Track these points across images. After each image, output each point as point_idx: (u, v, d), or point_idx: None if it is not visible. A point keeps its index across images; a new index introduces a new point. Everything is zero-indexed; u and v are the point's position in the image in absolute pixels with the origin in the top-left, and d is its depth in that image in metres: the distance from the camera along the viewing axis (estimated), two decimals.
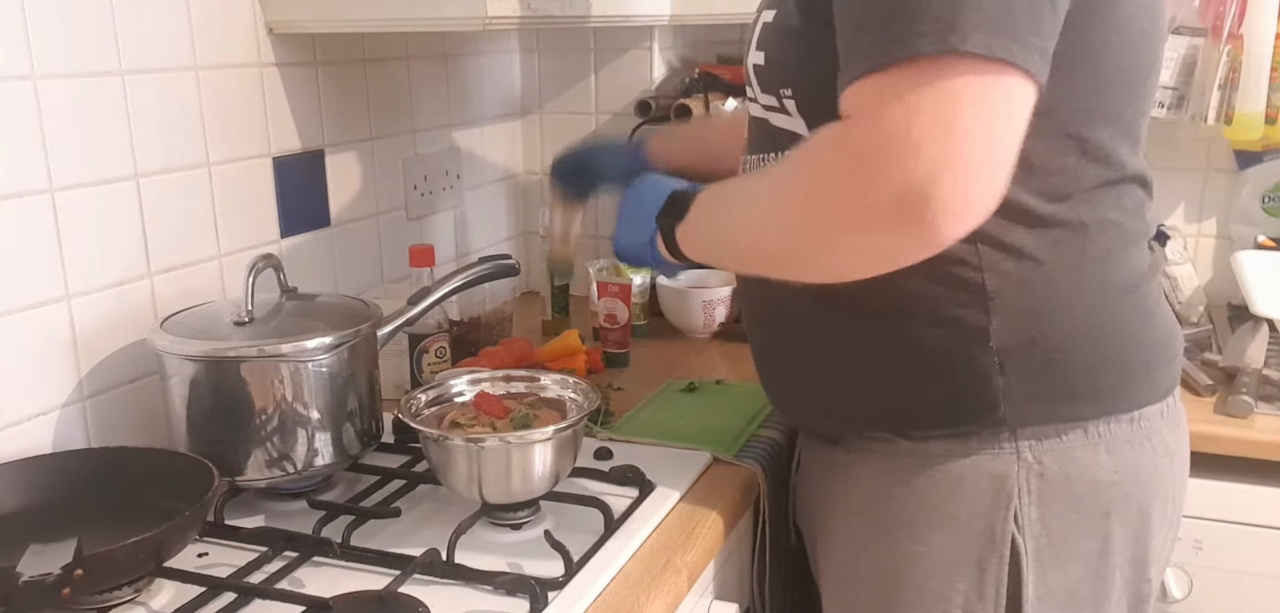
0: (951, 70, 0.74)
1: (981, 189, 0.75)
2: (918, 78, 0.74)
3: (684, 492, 1.15)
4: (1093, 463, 0.95)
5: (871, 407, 1.01)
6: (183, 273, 1.28)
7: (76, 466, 1.07)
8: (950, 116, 0.74)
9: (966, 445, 0.96)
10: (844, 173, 0.79)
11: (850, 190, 0.78)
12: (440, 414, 1.12)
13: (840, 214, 0.80)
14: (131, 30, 1.18)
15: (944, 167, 0.73)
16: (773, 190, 0.89)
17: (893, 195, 0.75)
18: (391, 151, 1.65)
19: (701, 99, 1.81)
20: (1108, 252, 0.94)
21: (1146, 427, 0.97)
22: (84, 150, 1.14)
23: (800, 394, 1.09)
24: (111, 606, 0.94)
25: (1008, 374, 0.93)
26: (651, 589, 0.98)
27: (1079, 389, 0.94)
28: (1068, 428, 0.94)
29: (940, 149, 0.73)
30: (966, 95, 0.74)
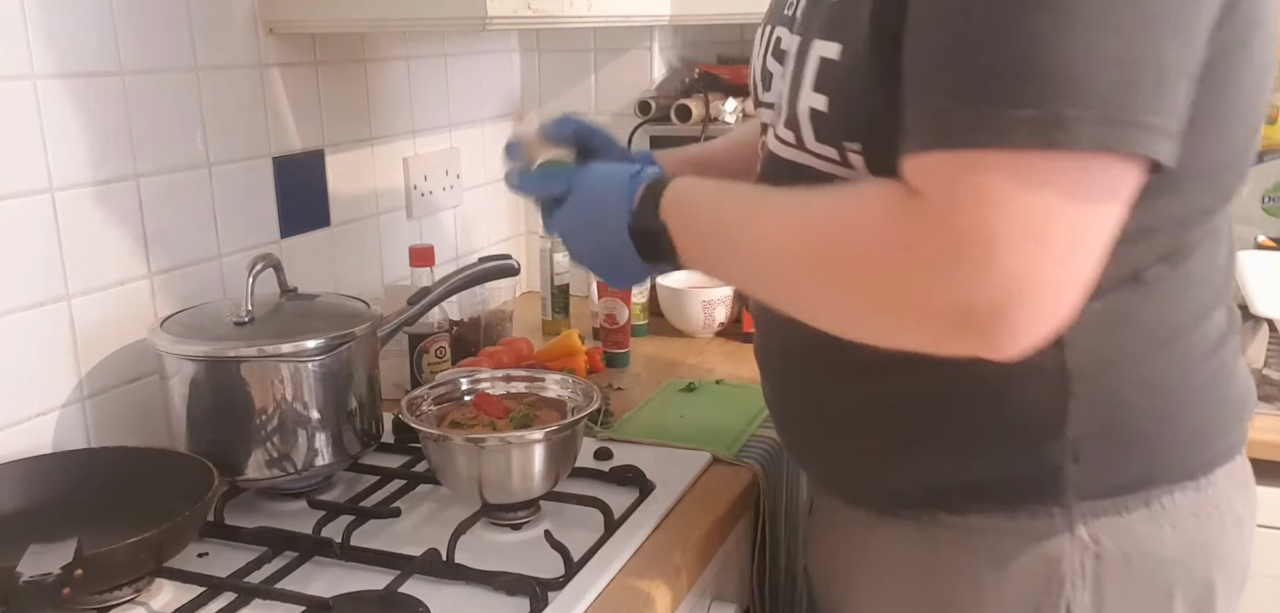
0: (1051, 169, 0.62)
1: (1065, 308, 0.65)
2: (1009, 170, 0.62)
3: (684, 492, 1.15)
4: (1155, 539, 0.83)
5: (910, 483, 0.88)
6: (183, 273, 1.28)
7: (76, 466, 1.07)
8: (1043, 228, 0.62)
9: (1014, 521, 0.83)
10: (902, 265, 0.67)
11: (906, 288, 0.67)
12: (440, 414, 1.12)
13: (888, 308, 0.70)
14: (131, 30, 1.18)
15: (1026, 287, 0.63)
16: (805, 247, 0.75)
17: (958, 307, 0.65)
18: (391, 152, 1.65)
19: (701, 99, 1.81)
20: (1199, 313, 0.82)
21: (1214, 494, 0.85)
22: (84, 150, 1.14)
23: (830, 461, 0.96)
24: (111, 606, 0.94)
25: (1082, 462, 0.81)
26: (651, 589, 0.98)
27: (1153, 466, 0.83)
28: (1129, 501, 0.82)
29: (1026, 266, 0.62)
30: (1062, 198, 0.62)
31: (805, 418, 0.96)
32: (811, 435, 0.97)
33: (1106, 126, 0.61)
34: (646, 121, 1.84)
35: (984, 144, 0.63)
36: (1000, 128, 0.62)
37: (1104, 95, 0.61)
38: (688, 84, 1.89)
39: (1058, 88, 0.61)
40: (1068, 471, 0.81)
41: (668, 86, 1.95)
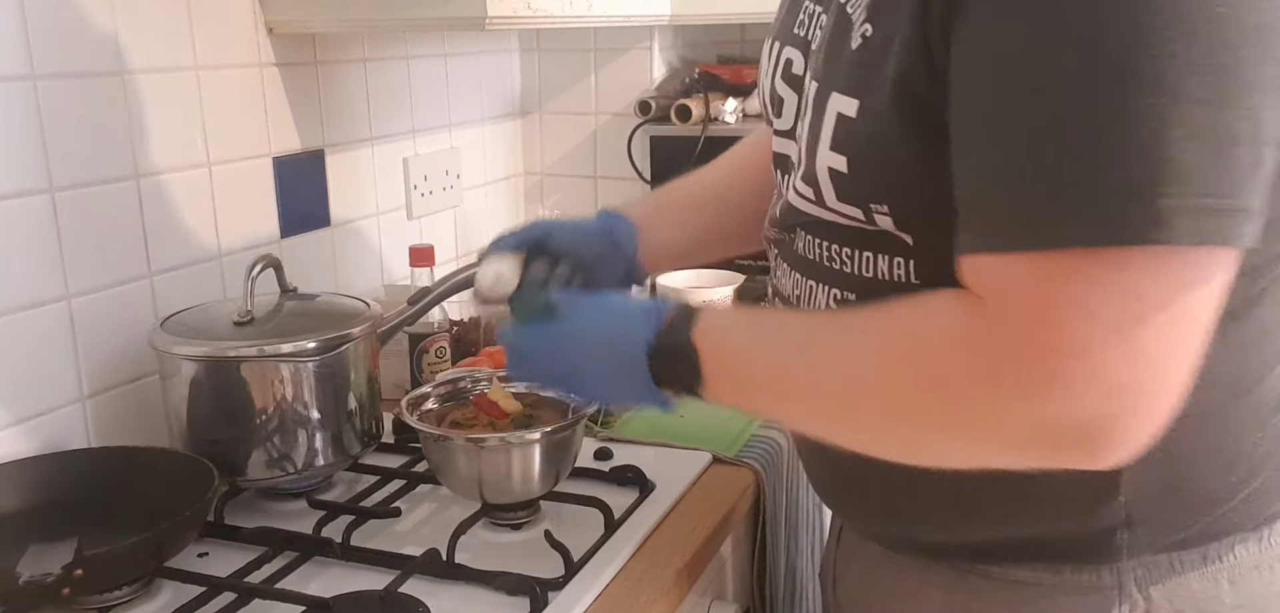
0: (1145, 268, 0.56)
1: (1168, 410, 0.59)
2: (1098, 274, 0.56)
3: (684, 492, 1.15)
4: (1212, 597, 0.77)
5: (953, 540, 0.82)
6: (183, 273, 1.28)
7: (76, 466, 1.07)
8: (1137, 333, 0.56)
9: (1058, 577, 0.78)
10: (985, 391, 0.61)
11: (993, 414, 0.61)
12: (440, 414, 1.12)
13: (974, 436, 0.64)
14: (131, 30, 1.18)
15: (1127, 396, 0.57)
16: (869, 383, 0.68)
17: (1055, 428, 0.59)
18: (391, 152, 1.65)
19: (701, 99, 1.81)
20: (1267, 364, 0.75)
21: (1277, 545, 0.79)
22: (84, 150, 1.14)
23: (863, 512, 0.90)
24: (111, 606, 0.94)
25: (1136, 526, 0.75)
26: (651, 589, 0.98)
27: (1210, 519, 0.76)
28: (1184, 557, 0.76)
29: (1125, 375, 0.57)
30: (1160, 299, 0.56)
31: (843, 475, 0.89)
32: (849, 491, 0.90)
33: (1204, 216, 0.55)
34: (646, 121, 1.84)
35: (1068, 244, 0.56)
36: (1086, 221, 0.55)
37: (1202, 180, 0.54)
38: (688, 84, 1.90)
39: (1148, 175, 0.54)
40: (1121, 535, 0.76)
41: (668, 86, 1.95)
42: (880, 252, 0.76)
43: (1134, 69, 0.54)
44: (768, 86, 0.90)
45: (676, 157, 1.82)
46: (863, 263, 0.77)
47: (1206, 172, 0.54)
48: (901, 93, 0.67)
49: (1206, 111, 0.54)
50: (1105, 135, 0.55)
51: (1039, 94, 0.57)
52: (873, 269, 0.77)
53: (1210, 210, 0.55)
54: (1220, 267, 0.58)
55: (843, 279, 0.79)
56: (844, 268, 0.79)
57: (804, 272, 0.84)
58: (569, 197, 2.00)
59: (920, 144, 0.66)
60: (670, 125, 1.80)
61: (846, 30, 0.74)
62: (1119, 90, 0.54)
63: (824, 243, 0.81)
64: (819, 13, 0.82)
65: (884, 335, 0.68)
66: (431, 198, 1.74)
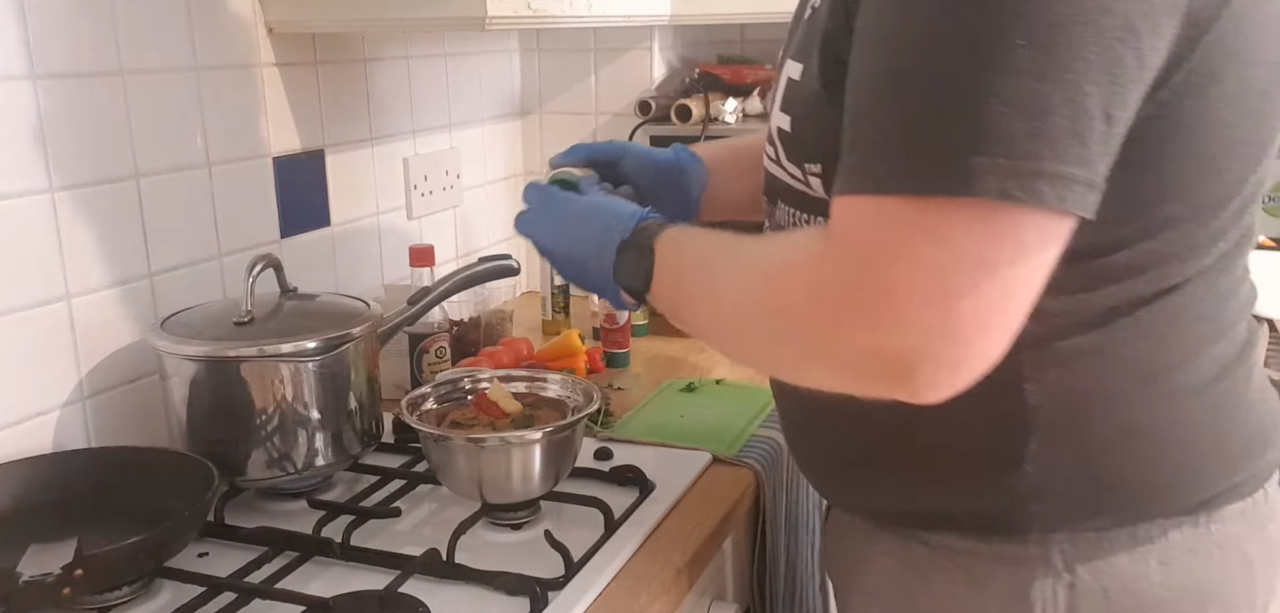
0: (955, 218, 0.61)
1: (978, 362, 0.64)
2: (917, 219, 0.62)
3: (684, 492, 1.15)
4: (1139, 576, 0.79)
5: (894, 502, 0.88)
6: (183, 273, 1.28)
7: (76, 466, 1.07)
8: (948, 277, 0.62)
9: (989, 546, 0.82)
10: (820, 312, 0.68)
11: (825, 334, 0.68)
12: (440, 414, 1.12)
13: (811, 354, 0.70)
14: (131, 30, 1.18)
15: (934, 339, 0.63)
16: (749, 287, 0.76)
17: (869, 354, 0.65)
18: (391, 152, 1.65)
19: (701, 99, 1.81)
20: (1190, 348, 0.78)
21: (1218, 532, 0.80)
22: (84, 150, 1.14)
23: (824, 472, 0.97)
24: (111, 606, 0.94)
25: (1045, 500, 0.79)
26: (651, 589, 0.98)
27: (1132, 507, 0.79)
28: (1113, 535, 0.79)
29: (933, 316, 0.62)
30: (972, 249, 0.61)
31: (799, 434, 0.98)
32: (808, 451, 0.97)
33: (1014, 176, 0.60)
34: (646, 121, 1.84)
35: (894, 191, 0.63)
36: (910, 171, 0.62)
37: (1011, 142, 0.59)
38: (688, 84, 1.90)
39: (966, 134, 0.60)
40: (1032, 507, 0.79)
41: (668, 86, 1.95)
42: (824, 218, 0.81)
43: (973, 44, 0.60)
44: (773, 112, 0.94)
45: None
46: None
47: (1019, 137, 0.59)
48: (827, 53, 0.74)
49: (1026, 82, 0.59)
50: (939, 99, 0.62)
51: (896, 59, 0.64)
52: None
53: (1019, 171, 0.59)
54: (1034, 228, 0.61)
55: None
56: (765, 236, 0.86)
57: None
58: None
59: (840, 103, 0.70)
60: (670, 125, 1.80)
61: (805, 3, 0.83)
62: (956, 62, 0.61)
63: (794, 212, 0.87)
64: None
65: (766, 257, 0.76)
66: (431, 198, 1.74)
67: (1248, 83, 0.71)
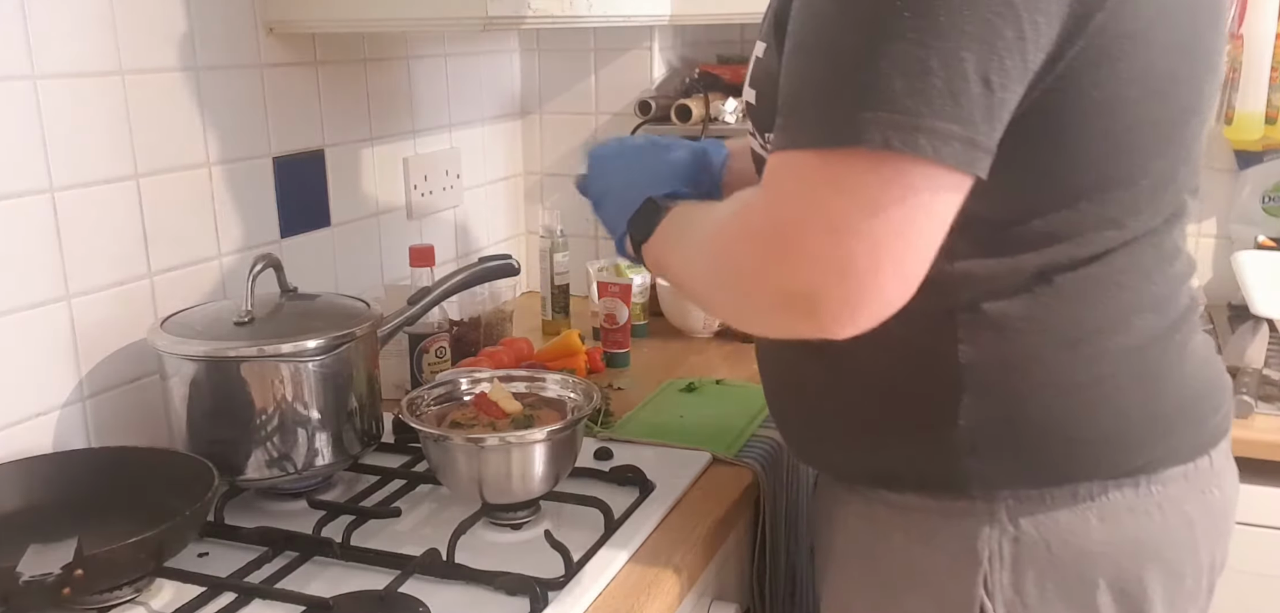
0: (847, 167, 0.69)
1: (874, 298, 0.70)
2: (814, 169, 0.70)
3: (684, 492, 1.15)
4: (1079, 530, 0.85)
5: (853, 461, 0.96)
6: (183, 273, 1.28)
7: (76, 465, 1.07)
8: (840, 218, 0.69)
9: (940, 504, 0.89)
10: (742, 254, 0.77)
11: (746, 273, 0.76)
12: (440, 414, 1.12)
13: (742, 290, 0.78)
14: (131, 30, 1.18)
15: (830, 271, 0.69)
16: (706, 244, 0.85)
17: (781, 291, 0.73)
18: (391, 152, 1.65)
19: (701, 99, 1.81)
20: (1111, 320, 0.83)
21: (1159, 493, 0.86)
22: (84, 150, 1.14)
23: (796, 433, 1.04)
24: (111, 606, 0.94)
25: (980, 455, 0.85)
26: (651, 589, 0.98)
27: (1065, 464, 0.85)
28: (1054, 492, 0.85)
29: (829, 252, 0.69)
30: (860, 194, 0.68)
31: (773, 393, 1.05)
32: (782, 411, 1.04)
33: (894, 129, 0.67)
34: (646, 121, 1.84)
35: (803, 146, 0.71)
36: (808, 129, 0.71)
37: (894, 100, 0.67)
38: (688, 84, 1.90)
39: (856, 93, 0.68)
40: (966, 462, 0.85)
41: (668, 86, 1.95)
42: None
43: (865, 16, 0.68)
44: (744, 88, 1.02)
45: None
46: None
47: (899, 94, 0.67)
48: (776, 30, 0.82)
49: (907, 47, 0.67)
50: (834, 64, 0.70)
51: (807, 32, 0.73)
52: None
53: (898, 124, 0.67)
54: (919, 178, 0.68)
55: None
56: None
57: None
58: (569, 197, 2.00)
59: None
60: (670, 125, 1.80)
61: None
62: (851, 32, 0.69)
63: None
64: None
65: (719, 214, 0.84)
66: (431, 198, 1.75)
67: (1149, 64, 0.76)
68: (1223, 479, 0.91)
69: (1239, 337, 1.59)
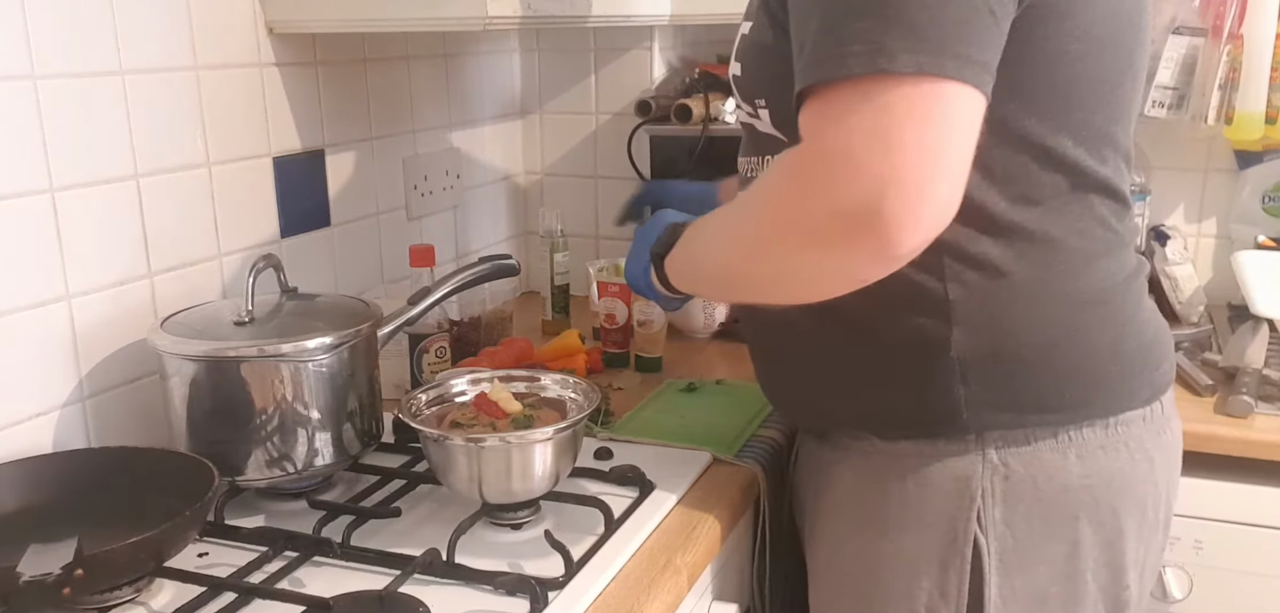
0: (883, 88, 0.75)
1: (930, 201, 0.76)
2: (853, 98, 0.76)
3: (684, 492, 1.15)
4: (1061, 467, 0.95)
5: (848, 410, 1.03)
6: (183, 273, 1.28)
7: (76, 465, 1.07)
8: (887, 134, 0.74)
9: (934, 447, 0.97)
10: (793, 194, 0.81)
11: (800, 211, 0.80)
12: (440, 414, 1.12)
13: (794, 234, 0.81)
14: (131, 30, 1.18)
15: (887, 183, 0.74)
16: (737, 215, 0.92)
17: (840, 213, 0.76)
18: (391, 151, 1.65)
19: (701, 99, 1.81)
20: (1076, 262, 0.93)
21: (1124, 433, 0.96)
22: (84, 150, 1.14)
23: (788, 392, 1.12)
24: (112, 606, 0.94)
25: (970, 383, 0.94)
26: (651, 589, 0.98)
27: (1046, 397, 0.94)
28: (1036, 432, 0.95)
29: (881, 166, 0.74)
30: (901, 111, 0.74)
31: (765, 356, 1.12)
32: (772, 373, 1.12)
33: (922, 53, 0.74)
34: (646, 121, 1.84)
35: (833, 77, 0.77)
36: (841, 60, 0.76)
37: (918, 29, 0.74)
38: (688, 84, 1.89)
39: (882, 26, 0.75)
40: (959, 391, 0.94)
41: (668, 86, 1.95)
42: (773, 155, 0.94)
43: None
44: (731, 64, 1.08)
45: (676, 157, 1.82)
46: None
47: (922, 23, 0.74)
48: (767, 10, 0.92)
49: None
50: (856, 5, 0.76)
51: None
52: None
53: (930, 49, 0.74)
54: (949, 97, 0.75)
55: None
56: None
57: None
58: (569, 197, 2.00)
59: (784, 47, 0.86)
60: (670, 125, 1.80)
61: None
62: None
63: (750, 160, 1.05)
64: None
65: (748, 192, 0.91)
66: (431, 198, 1.75)
67: (1089, 25, 0.87)
68: (1171, 423, 1.03)
69: (1239, 337, 1.59)
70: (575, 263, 1.82)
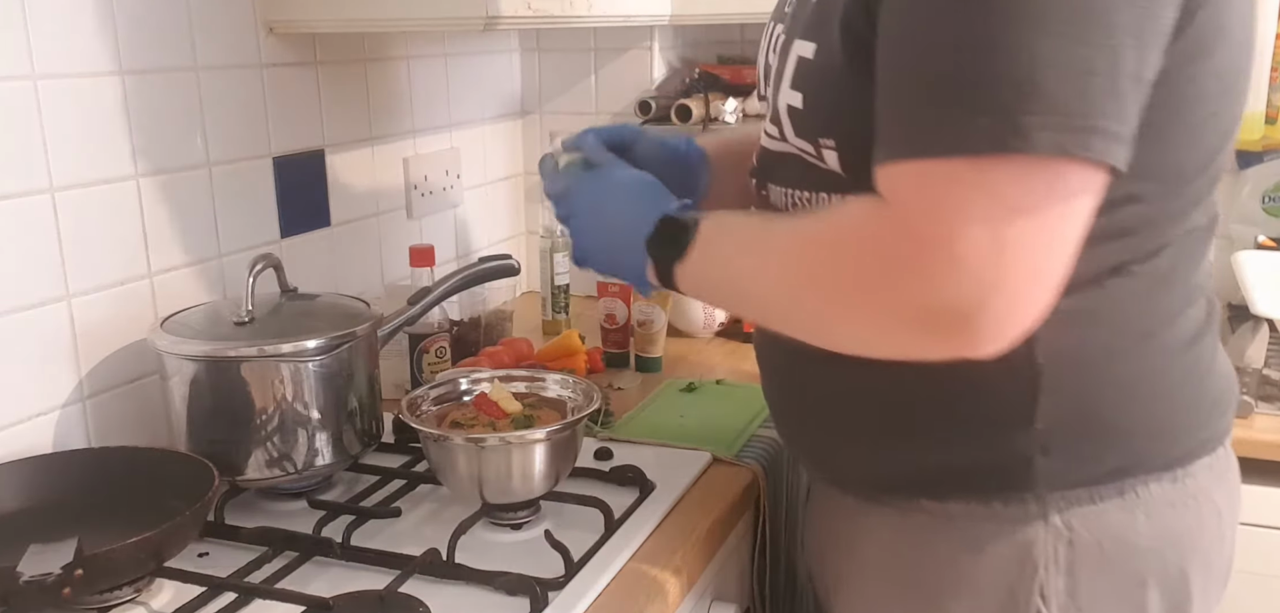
0: (1011, 176, 0.64)
1: (1033, 309, 0.68)
2: (970, 178, 0.65)
3: (684, 492, 1.15)
4: (1129, 528, 0.84)
5: (890, 470, 0.90)
6: (183, 273, 1.28)
7: (76, 466, 1.07)
8: (1005, 232, 0.65)
9: (989, 508, 0.85)
10: (877, 270, 0.71)
11: (881, 289, 0.71)
12: (440, 414, 1.12)
13: (867, 308, 0.73)
14: (131, 30, 1.18)
15: (992, 290, 0.66)
16: (799, 259, 0.78)
17: (929, 309, 0.68)
18: (391, 152, 1.65)
19: (701, 99, 1.81)
20: (1175, 309, 0.84)
21: (1192, 485, 0.86)
22: (84, 150, 1.14)
23: (816, 445, 0.99)
24: (112, 606, 0.94)
25: (1051, 454, 0.82)
26: (651, 589, 0.98)
27: (1121, 452, 0.84)
28: (1102, 490, 0.84)
29: (991, 271, 0.65)
30: (1024, 204, 0.65)
31: (797, 407, 0.99)
32: (804, 424, 0.99)
33: (1064, 131, 0.63)
34: (646, 122, 1.84)
35: (946, 152, 0.66)
36: (962, 132, 0.65)
37: (1060, 102, 0.63)
38: (688, 84, 1.90)
39: (1016, 95, 0.63)
40: (1038, 462, 0.83)
41: (668, 86, 1.95)
42: (832, 193, 0.85)
43: (1013, 9, 0.64)
44: (762, 63, 0.98)
45: None
46: (818, 206, 0.87)
47: (1064, 94, 0.63)
48: (846, 33, 0.77)
49: (1067, 46, 0.63)
50: (979, 61, 0.65)
51: (930, 25, 0.67)
52: None
53: (1068, 127, 0.63)
54: (1081, 182, 0.66)
55: None
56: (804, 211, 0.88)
57: None
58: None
59: (860, 79, 0.75)
60: (670, 125, 1.80)
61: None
62: (997, 25, 0.64)
63: (788, 190, 0.90)
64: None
65: (814, 230, 0.79)
66: (431, 198, 1.74)
67: (1229, 59, 0.77)
68: (1233, 465, 0.93)
69: (1239, 337, 1.59)
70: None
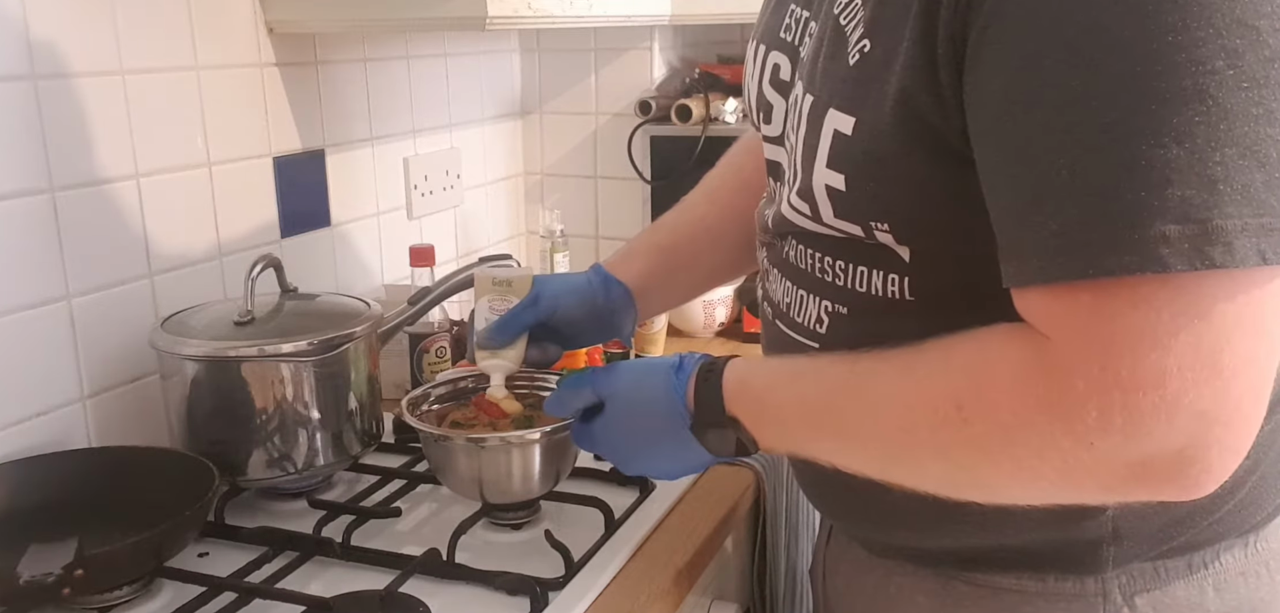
0: (1214, 293, 0.53)
1: (1253, 431, 0.57)
2: (1168, 299, 0.54)
3: (684, 492, 1.15)
4: (1197, 605, 0.76)
5: (938, 547, 0.82)
6: (183, 273, 1.28)
7: (76, 466, 1.07)
8: (1216, 357, 0.54)
9: (1042, 583, 0.77)
10: (1060, 428, 0.58)
11: (1072, 452, 0.59)
12: (440, 414, 1.12)
13: (1052, 476, 0.61)
14: (131, 30, 1.18)
15: (1212, 422, 0.55)
16: (934, 422, 0.65)
17: (1141, 463, 0.57)
18: (391, 152, 1.65)
19: (701, 99, 1.81)
20: None
21: (1264, 550, 0.78)
22: (84, 150, 1.14)
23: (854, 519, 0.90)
24: (112, 606, 0.94)
25: (1122, 540, 0.75)
26: (651, 589, 0.98)
27: (1197, 528, 0.75)
28: (1169, 563, 0.76)
29: (1206, 402, 0.55)
30: (1231, 322, 0.54)
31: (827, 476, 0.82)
32: (835, 493, 0.89)
33: (1267, 235, 0.53)
34: (647, 121, 1.84)
35: (1131, 271, 0.54)
36: (1143, 246, 0.53)
37: (1260, 198, 0.52)
38: (688, 84, 1.89)
39: (1211, 194, 0.52)
40: (1107, 548, 0.75)
41: (668, 86, 1.95)
42: (874, 267, 0.75)
43: (1174, 85, 0.52)
44: (754, 91, 0.89)
45: (676, 157, 1.82)
46: (856, 277, 0.76)
47: (1262, 188, 0.52)
48: (904, 110, 0.65)
49: (1257, 127, 0.52)
50: (1156, 154, 0.53)
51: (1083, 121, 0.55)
52: (867, 284, 0.76)
53: (1266, 229, 0.53)
54: None
55: (834, 292, 0.79)
56: (836, 281, 0.78)
57: (794, 280, 0.83)
58: (569, 197, 2.00)
59: (922, 161, 0.65)
60: (670, 125, 1.80)
61: (842, 44, 0.72)
62: (1169, 106, 0.52)
63: (815, 254, 0.80)
64: (807, 19, 0.81)
65: (946, 375, 0.65)
66: (431, 198, 1.74)
67: None
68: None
69: None
70: (575, 263, 1.82)
